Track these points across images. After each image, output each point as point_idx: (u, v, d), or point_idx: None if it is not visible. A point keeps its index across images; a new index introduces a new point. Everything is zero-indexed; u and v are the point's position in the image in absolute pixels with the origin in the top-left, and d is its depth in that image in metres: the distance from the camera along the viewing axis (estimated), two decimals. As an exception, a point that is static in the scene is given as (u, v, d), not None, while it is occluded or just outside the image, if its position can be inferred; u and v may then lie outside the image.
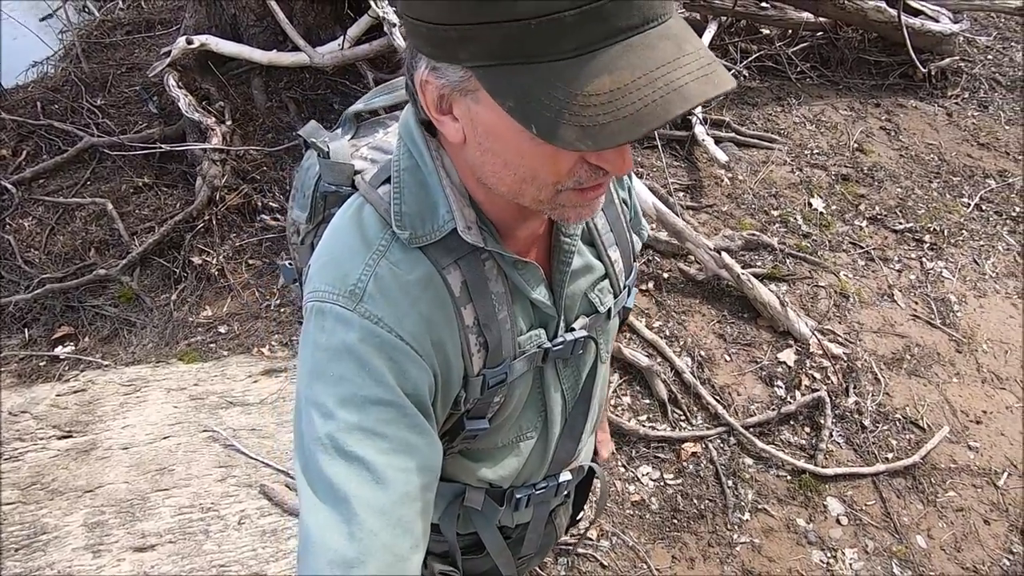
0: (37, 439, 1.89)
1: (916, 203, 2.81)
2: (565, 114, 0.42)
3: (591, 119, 0.41)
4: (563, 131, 0.42)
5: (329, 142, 0.68)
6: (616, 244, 0.72)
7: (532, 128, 0.43)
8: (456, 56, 0.45)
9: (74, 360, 2.20)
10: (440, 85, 0.48)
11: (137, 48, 3.55)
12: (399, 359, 0.55)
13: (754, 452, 1.92)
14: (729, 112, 3.18)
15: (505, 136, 0.48)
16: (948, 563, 1.69)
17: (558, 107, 0.42)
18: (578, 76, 0.41)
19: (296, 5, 2.90)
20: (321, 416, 0.53)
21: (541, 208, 0.53)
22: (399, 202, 0.57)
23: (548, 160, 0.48)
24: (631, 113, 0.41)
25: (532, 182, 0.50)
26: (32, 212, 2.72)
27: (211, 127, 2.68)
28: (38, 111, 3.05)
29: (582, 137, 0.42)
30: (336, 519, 0.50)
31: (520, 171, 0.50)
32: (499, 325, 0.62)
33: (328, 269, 0.58)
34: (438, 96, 0.50)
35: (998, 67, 3.68)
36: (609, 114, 0.41)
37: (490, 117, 0.48)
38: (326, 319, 0.56)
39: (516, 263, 0.61)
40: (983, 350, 2.22)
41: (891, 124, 3.25)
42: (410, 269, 0.57)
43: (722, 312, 2.31)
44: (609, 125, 0.41)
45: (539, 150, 0.47)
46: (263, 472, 1.82)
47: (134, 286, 2.43)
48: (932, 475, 1.88)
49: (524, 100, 0.43)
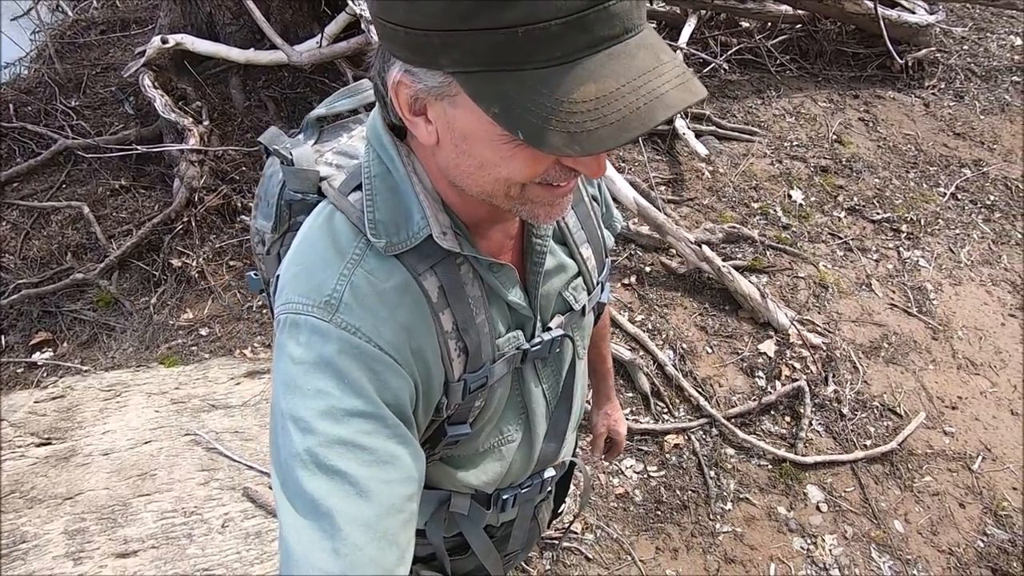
0: (15, 447, 1.86)
1: (893, 193, 2.85)
2: (552, 120, 0.43)
3: (578, 125, 0.42)
4: (550, 137, 0.43)
5: (292, 148, 0.67)
6: (588, 241, 0.72)
7: (519, 134, 0.44)
8: (436, 62, 0.45)
9: (52, 366, 2.17)
10: (416, 89, 0.48)
11: (112, 48, 3.49)
12: (378, 369, 0.55)
13: (736, 442, 1.95)
14: (710, 106, 3.20)
15: (483, 139, 0.48)
16: (925, 546, 1.72)
17: (545, 113, 0.43)
18: (563, 83, 0.43)
19: (273, 3, 2.87)
20: (299, 431, 0.52)
21: (511, 207, 0.54)
22: (372, 210, 0.57)
23: (527, 163, 0.49)
24: (617, 120, 0.42)
25: (506, 182, 0.51)
26: (6, 217, 2.67)
27: (188, 128, 2.64)
28: (10, 113, 2.99)
29: (569, 143, 0.43)
30: (319, 535, 0.49)
31: (496, 172, 0.50)
32: (478, 329, 0.62)
33: (301, 280, 0.57)
34: (412, 98, 0.49)
35: (973, 57, 3.73)
36: (596, 120, 0.42)
37: (468, 121, 0.48)
38: (301, 331, 0.55)
39: (491, 266, 0.61)
40: (958, 337, 2.26)
41: (869, 115, 3.29)
42: (386, 277, 0.57)
43: (703, 305, 2.33)
44: (597, 131, 0.42)
45: (518, 153, 0.48)
46: (247, 474, 1.81)
47: (112, 290, 2.40)
48: (909, 461, 1.91)
49: (510, 106, 0.43)
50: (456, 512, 0.78)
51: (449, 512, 0.78)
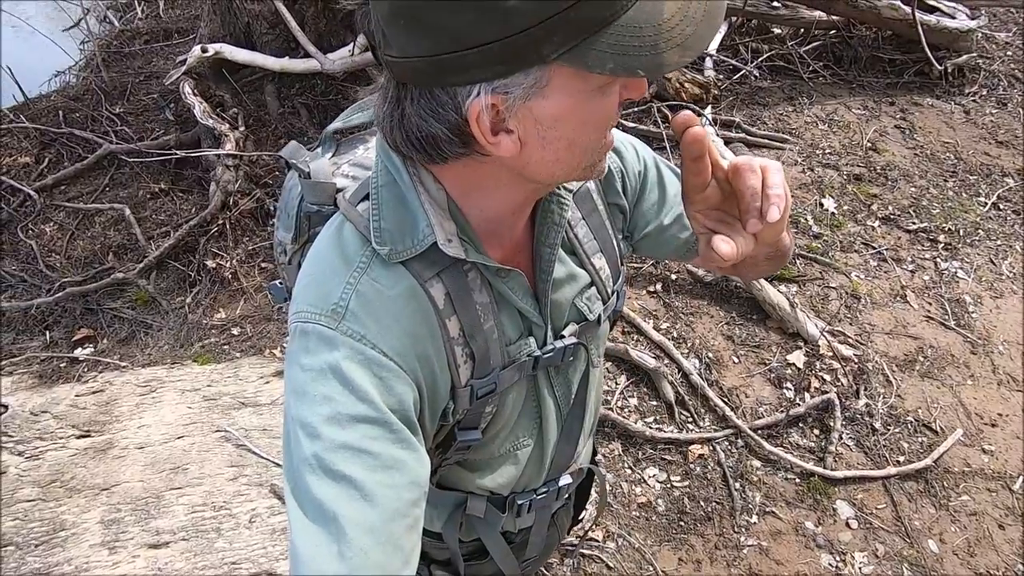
0: (57, 438, 1.94)
1: (931, 202, 2.77)
2: (660, 44, 0.46)
3: (680, 35, 0.47)
4: (668, 58, 0.47)
5: (310, 162, 0.69)
6: (601, 251, 0.72)
7: (639, 72, 0.47)
8: (539, 55, 0.46)
9: (93, 361, 2.26)
10: (508, 102, 0.48)
11: (155, 57, 3.63)
12: (384, 375, 0.56)
13: (762, 454, 1.91)
14: (739, 112, 3.16)
15: (571, 114, 0.50)
16: (961, 568, 1.66)
17: (651, 42, 0.46)
18: (650, 11, 0.46)
19: (308, 13, 2.95)
20: (307, 436, 0.53)
21: (586, 172, 0.56)
22: (378, 218, 0.58)
23: (606, 112, 0.51)
24: (702, 18, 0.47)
25: (592, 145, 0.53)
26: (53, 218, 2.79)
27: (225, 133, 2.73)
28: (60, 119, 3.13)
29: (683, 53, 0.47)
30: (326, 539, 0.50)
31: (583, 141, 0.52)
32: (485, 335, 0.62)
33: (310, 289, 0.58)
34: (497, 118, 0.50)
35: (1018, 63, 3.61)
36: (692, 24, 0.47)
37: (561, 104, 0.49)
38: (309, 339, 0.56)
39: (499, 271, 0.61)
40: (999, 351, 2.18)
41: (906, 123, 3.20)
42: (392, 284, 0.58)
43: (730, 314, 2.29)
44: (695, 32, 0.47)
45: (600, 106, 0.51)
46: (274, 472, 1.85)
47: (150, 289, 2.48)
48: (945, 478, 1.85)
49: (621, 55, 0.46)
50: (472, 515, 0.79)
51: (465, 515, 0.79)
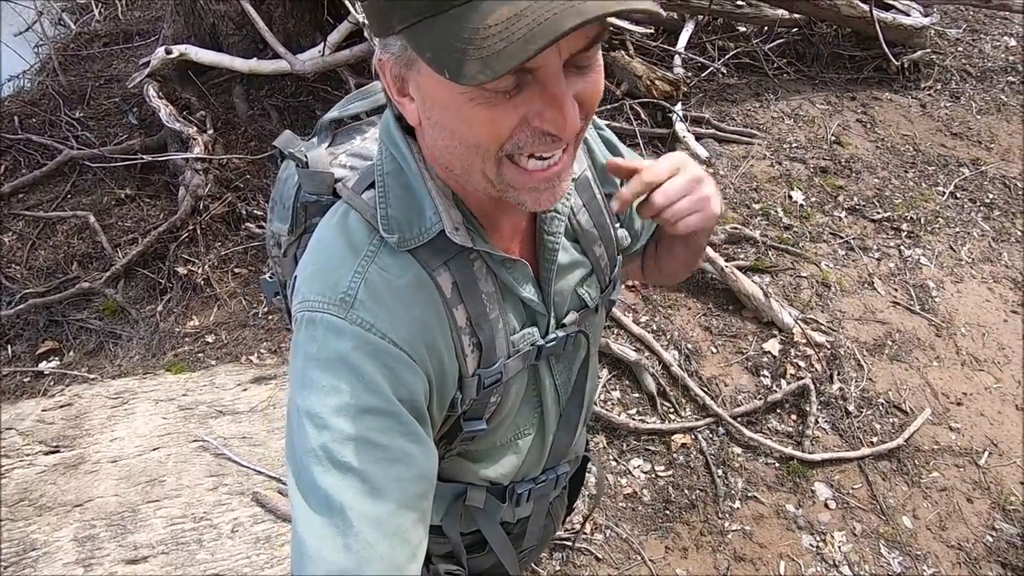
0: (23, 455, 1.86)
1: (893, 193, 2.87)
2: (469, 50, 0.42)
3: (489, 48, 0.41)
4: (468, 67, 0.42)
5: (307, 151, 0.68)
6: (600, 240, 0.73)
7: (444, 72, 0.43)
8: (391, 24, 0.47)
9: (59, 375, 2.18)
10: (392, 62, 0.50)
11: (115, 60, 3.52)
12: (393, 365, 0.55)
13: (743, 441, 1.95)
14: (709, 109, 3.23)
15: (445, 100, 0.48)
16: (934, 542, 1.73)
17: (463, 45, 0.42)
18: (479, 11, 0.42)
19: (275, 13, 2.90)
20: (314, 427, 0.52)
21: (494, 189, 0.53)
22: (385, 206, 0.57)
23: (487, 122, 0.48)
24: (524, 34, 0.41)
25: (477, 151, 0.50)
26: (12, 227, 2.69)
27: (193, 137, 2.66)
28: (15, 125, 3.01)
29: (483, 68, 0.42)
30: (332, 531, 0.49)
31: (465, 138, 0.49)
32: (491, 324, 0.62)
33: (317, 278, 0.57)
34: (394, 76, 0.51)
35: (968, 59, 3.77)
36: (504, 39, 0.41)
37: (429, 83, 0.48)
38: (317, 329, 0.55)
39: (504, 261, 0.61)
40: (961, 333, 2.27)
41: (867, 116, 3.31)
42: (400, 273, 0.57)
43: (707, 305, 2.34)
44: (504, 49, 0.41)
45: (476, 113, 0.47)
46: (255, 479, 1.81)
47: (118, 298, 2.41)
48: (916, 457, 1.92)
49: (439, 47, 0.44)
50: (472, 506, 0.79)
51: (465, 506, 0.79)
